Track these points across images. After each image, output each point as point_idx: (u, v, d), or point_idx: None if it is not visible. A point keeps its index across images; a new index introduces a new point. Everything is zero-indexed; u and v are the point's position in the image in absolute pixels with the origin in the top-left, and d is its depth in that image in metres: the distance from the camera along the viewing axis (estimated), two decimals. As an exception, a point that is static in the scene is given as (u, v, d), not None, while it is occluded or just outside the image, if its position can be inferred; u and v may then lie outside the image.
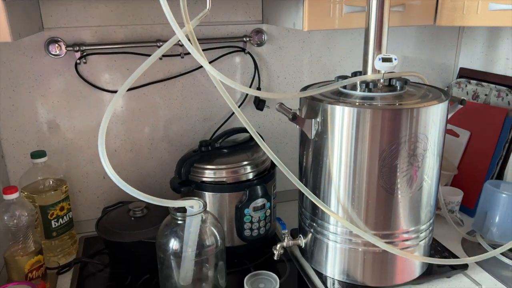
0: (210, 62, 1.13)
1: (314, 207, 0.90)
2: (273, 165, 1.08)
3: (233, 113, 1.20)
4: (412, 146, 0.80)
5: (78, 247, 1.08)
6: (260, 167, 1.03)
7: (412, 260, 0.89)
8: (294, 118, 0.81)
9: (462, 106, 0.90)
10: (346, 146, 0.82)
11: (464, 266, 0.94)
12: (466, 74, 1.34)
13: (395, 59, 0.81)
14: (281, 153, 1.30)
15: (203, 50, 1.12)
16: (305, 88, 0.93)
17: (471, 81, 1.29)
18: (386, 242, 0.85)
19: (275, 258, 0.95)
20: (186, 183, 0.98)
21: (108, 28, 1.06)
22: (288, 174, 0.79)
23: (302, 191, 0.82)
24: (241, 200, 0.97)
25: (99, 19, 1.05)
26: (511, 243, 0.92)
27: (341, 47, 1.25)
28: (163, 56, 1.10)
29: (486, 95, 1.24)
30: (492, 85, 1.22)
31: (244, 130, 1.11)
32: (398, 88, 0.84)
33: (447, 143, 1.32)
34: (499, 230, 1.04)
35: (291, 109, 0.87)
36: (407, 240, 0.87)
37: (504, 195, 1.03)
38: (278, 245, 0.94)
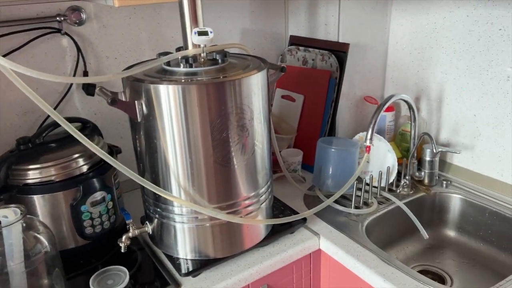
0: (19, 48, 0.99)
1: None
2: (111, 152, 1.01)
3: (60, 101, 1.09)
4: (237, 117, 0.81)
5: None
6: (95, 157, 0.95)
7: (256, 224, 0.93)
8: (114, 102, 0.76)
9: (283, 73, 0.94)
10: (176, 125, 0.79)
11: (304, 220, 1.03)
12: (295, 41, 1.42)
13: (211, 32, 0.80)
14: (125, 139, 1.23)
15: (6, 34, 0.98)
16: (129, 68, 0.87)
17: (300, 47, 1.38)
18: (229, 212, 0.87)
19: (122, 250, 0.90)
20: (5, 189, 0.86)
21: None
22: (115, 164, 0.74)
23: (136, 180, 0.78)
24: (75, 198, 0.89)
25: None
26: (339, 193, 1.03)
27: (172, 22, 1.21)
28: (-44, 44, 0.92)
29: (313, 59, 1.34)
30: (317, 50, 1.32)
31: (73, 119, 1.02)
32: (220, 61, 0.84)
33: (286, 108, 1.41)
34: (333, 182, 1.15)
35: (116, 92, 0.82)
36: (249, 206, 0.91)
37: (333, 150, 1.14)
38: (124, 237, 0.90)
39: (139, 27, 1.16)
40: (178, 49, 0.88)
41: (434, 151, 1.17)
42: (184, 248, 0.90)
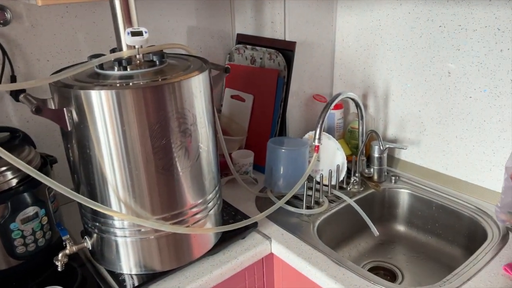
0: None
1: (93, 204, 0.81)
2: (45, 163, 0.93)
3: (-16, 110, 1.00)
4: (178, 122, 0.77)
5: None
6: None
7: (203, 233, 0.89)
8: (38, 110, 0.69)
9: (227, 74, 0.91)
10: (112, 133, 0.74)
11: (255, 224, 1.00)
12: (243, 39, 1.39)
13: (146, 32, 0.75)
14: (63, 147, 1.14)
15: None
16: (57, 72, 0.80)
17: (248, 46, 1.35)
18: (175, 222, 0.83)
19: (59, 269, 0.83)
20: None
21: None
22: (40, 177, 0.68)
23: (68, 195, 0.71)
24: (2, 215, 0.82)
25: None
26: (290, 194, 1.01)
27: (110, 20, 1.13)
28: None
29: (261, 58, 1.32)
30: (264, 49, 1.30)
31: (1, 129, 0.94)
32: (157, 62, 0.79)
33: (236, 108, 1.37)
34: (284, 182, 1.13)
35: (45, 99, 0.75)
36: (196, 214, 0.87)
37: (283, 150, 1.12)
38: (60, 255, 0.83)
39: (73, 27, 1.09)
40: (113, 51, 0.82)
41: (382, 148, 1.18)
42: (127, 263, 0.85)
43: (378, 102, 1.30)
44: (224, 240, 0.95)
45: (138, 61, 0.79)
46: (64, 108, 0.73)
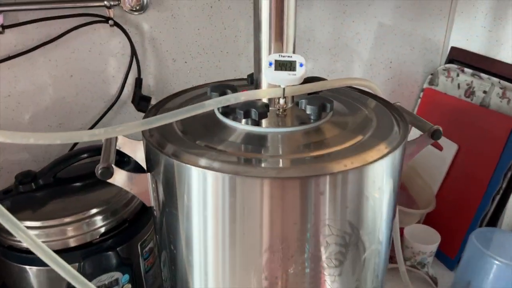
0: (52, 41, 0.72)
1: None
2: (144, 210, 0.70)
3: (102, 117, 0.81)
4: (321, 237, 0.41)
5: None
6: (119, 215, 0.65)
7: None
8: (105, 174, 0.41)
9: (433, 141, 0.50)
10: (213, 236, 0.42)
11: None
12: (459, 57, 0.92)
13: (301, 65, 0.40)
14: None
15: (36, 20, 0.70)
16: (159, 107, 0.53)
17: (466, 69, 0.88)
18: None
19: None
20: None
21: None
22: (55, 266, 0.41)
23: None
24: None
25: None
26: None
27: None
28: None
29: (485, 92, 0.84)
30: (495, 79, 0.81)
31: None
32: (312, 118, 0.44)
33: (427, 157, 0.94)
34: (487, 312, 0.68)
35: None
36: None
37: (497, 263, 0.67)
38: None
39: (223, 21, 0.81)
40: (251, 77, 0.50)
41: None
42: None
43: None
44: None
45: (281, 109, 0.45)
46: (149, 174, 0.44)
